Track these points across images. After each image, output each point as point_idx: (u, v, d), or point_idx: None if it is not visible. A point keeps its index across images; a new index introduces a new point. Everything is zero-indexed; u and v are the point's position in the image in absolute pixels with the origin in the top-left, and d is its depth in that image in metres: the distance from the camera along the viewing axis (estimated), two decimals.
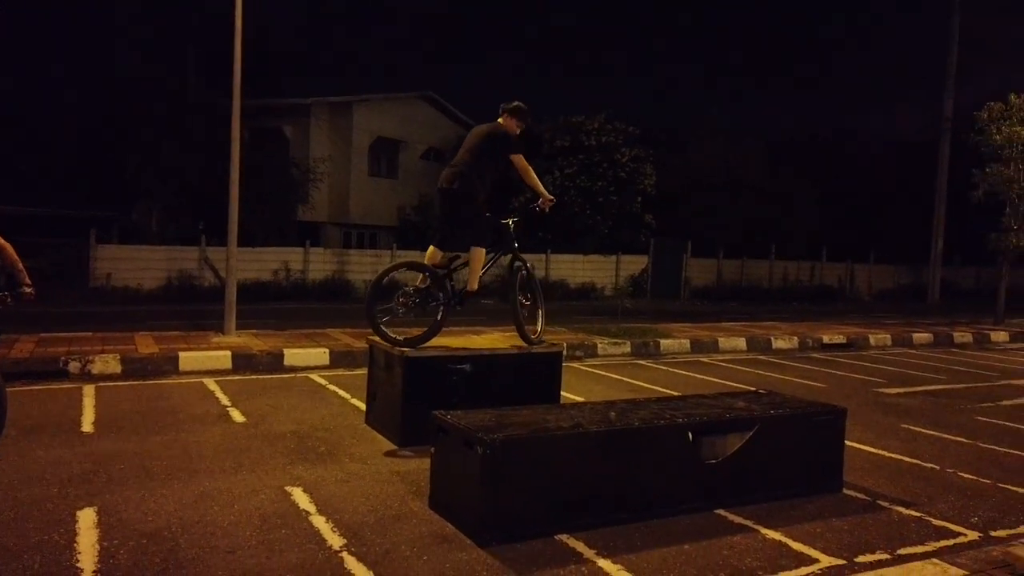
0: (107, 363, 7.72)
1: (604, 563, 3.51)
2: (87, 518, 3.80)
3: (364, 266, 20.76)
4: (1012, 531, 4.12)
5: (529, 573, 3.39)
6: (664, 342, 10.97)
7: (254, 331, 10.32)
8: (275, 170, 20.34)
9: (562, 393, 6.24)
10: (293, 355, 8.64)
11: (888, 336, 12.95)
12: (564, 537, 3.78)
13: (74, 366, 7.59)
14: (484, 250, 5.86)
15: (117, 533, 3.62)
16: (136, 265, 17.63)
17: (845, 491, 4.68)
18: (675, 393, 7.15)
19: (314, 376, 8.10)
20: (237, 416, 6.15)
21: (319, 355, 8.78)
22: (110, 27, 21.95)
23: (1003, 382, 9.39)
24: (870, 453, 5.63)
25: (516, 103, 5.98)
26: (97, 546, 3.47)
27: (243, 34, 9.84)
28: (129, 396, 6.77)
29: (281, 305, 16.48)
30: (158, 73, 19.88)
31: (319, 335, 10.27)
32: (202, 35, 20.44)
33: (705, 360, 10.42)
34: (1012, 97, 15.83)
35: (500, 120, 5.93)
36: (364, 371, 6.69)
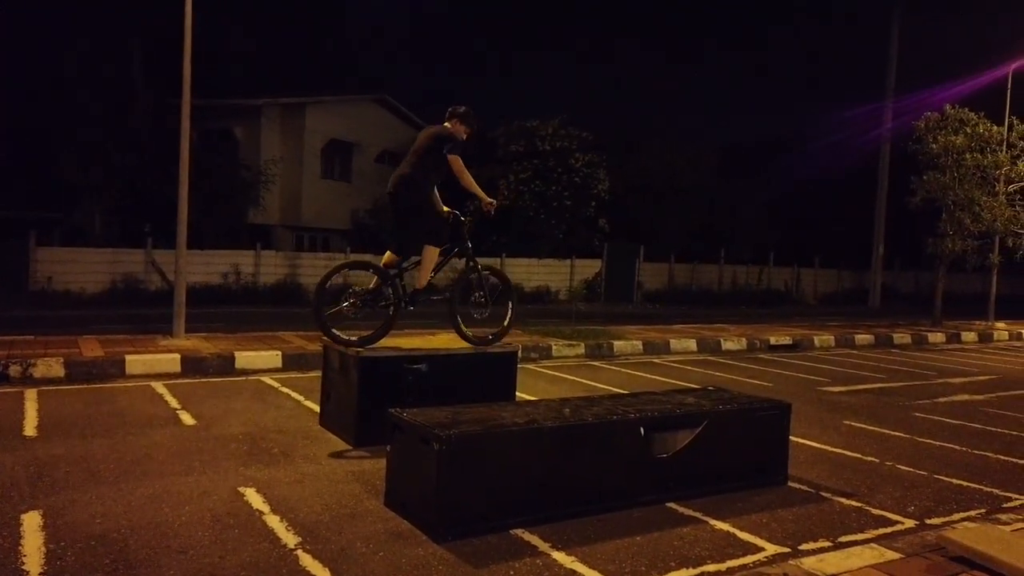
0: (50, 367, 7.49)
1: (559, 555, 3.58)
2: (32, 521, 3.70)
3: (317, 269, 20.48)
4: (946, 519, 4.32)
5: (485, 567, 3.43)
6: (617, 344, 11.14)
7: (204, 334, 10.13)
8: (225, 172, 20.01)
9: (517, 393, 6.30)
10: (244, 358, 8.51)
11: (831, 337, 13.37)
12: (519, 531, 3.83)
13: (15, 370, 7.35)
14: (436, 249, 5.90)
15: (64, 536, 3.54)
16: (79, 268, 17.12)
17: (790, 484, 4.84)
18: (625, 391, 7.27)
19: (266, 379, 8.00)
20: (187, 419, 6.05)
21: (271, 358, 8.68)
22: (51, 21, 21.28)
23: (939, 381, 9.80)
24: (814, 448, 5.83)
25: (464, 108, 6.05)
26: (43, 548, 3.39)
27: (193, 31, 9.68)
28: (74, 400, 6.59)
29: (232, 309, 16.18)
30: (103, 71, 19.37)
31: (271, 338, 10.14)
32: (149, 32, 19.99)
33: (657, 361, 10.61)
34: (948, 108, 16.53)
35: (447, 124, 5.98)
36: (317, 373, 6.66)
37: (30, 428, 5.57)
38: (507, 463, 3.99)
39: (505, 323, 6.38)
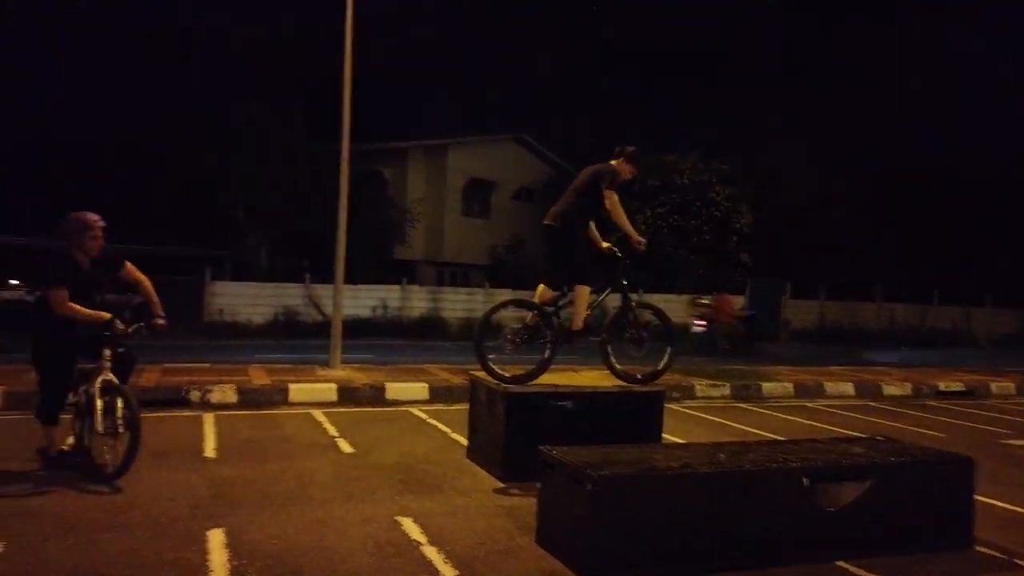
0: (224, 393, 8.15)
1: None
2: (216, 538, 4.01)
3: (457, 304, 21.17)
4: None
5: None
6: (766, 385, 10.63)
7: (356, 366, 10.67)
8: (374, 211, 21.18)
9: (663, 435, 6.15)
10: (394, 389, 8.88)
11: (1012, 384, 12.08)
12: None
13: (195, 395, 8.06)
14: (588, 288, 5.88)
15: (245, 553, 3.81)
16: (246, 301, 18.61)
17: (976, 548, 4.39)
18: (782, 438, 6.91)
19: (414, 410, 8.29)
20: (345, 447, 6.37)
21: (419, 389, 8.99)
22: (221, 78, 23.55)
23: None
24: (1001, 508, 5.26)
25: (631, 148, 6.01)
26: (228, 565, 3.66)
27: (351, 85, 10.41)
28: (245, 424, 7.13)
29: (379, 341, 16.97)
30: (269, 122, 21.20)
31: (418, 370, 10.51)
32: (309, 84, 21.69)
33: (811, 405, 10.01)
34: None
35: (613, 162, 5.97)
36: (462, 406, 6.82)
37: (209, 450, 6.07)
38: (660, 508, 3.88)
39: (661, 364, 6.19)
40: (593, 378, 6.54)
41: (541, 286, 6.05)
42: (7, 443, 5.88)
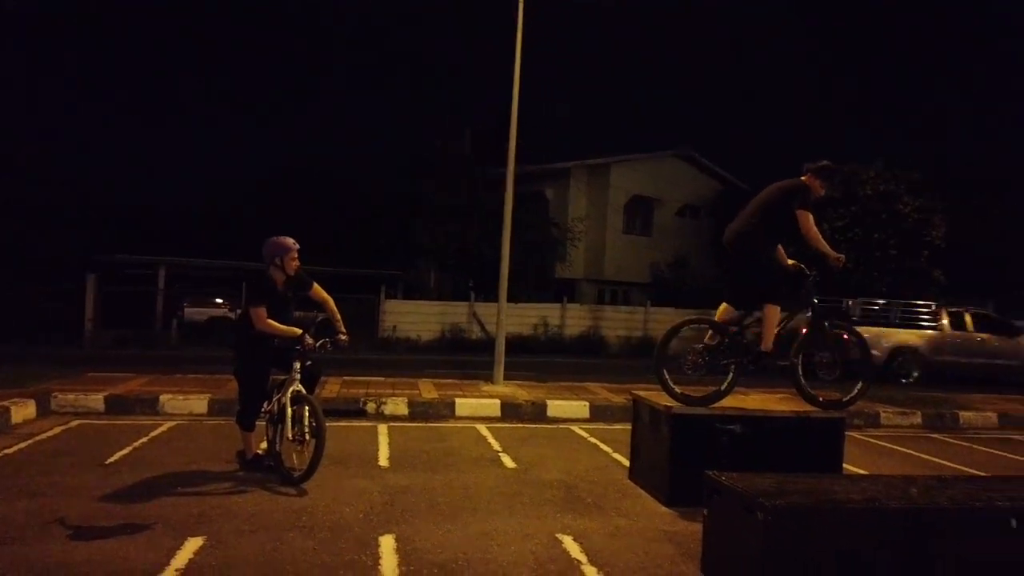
0: (397, 405, 8.60)
1: None
2: (387, 543, 4.22)
3: (617, 322, 21.00)
4: None
5: None
6: (964, 415, 9.57)
7: (518, 382, 10.86)
8: (536, 230, 21.55)
9: (844, 465, 5.71)
10: (555, 407, 8.93)
11: None
12: None
13: (370, 407, 8.56)
14: (778, 307, 5.53)
15: (413, 560, 3.98)
16: (416, 318, 19.59)
17: None
18: (984, 474, 6.18)
19: (575, 428, 8.29)
20: (508, 461, 6.48)
21: (579, 408, 8.99)
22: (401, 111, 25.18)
23: None
24: None
25: (824, 162, 5.64)
26: (397, 570, 3.84)
27: (518, 113, 10.73)
28: (415, 436, 7.47)
29: (539, 358, 17.17)
30: (445, 149, 22.35)
31: (578, 388, 10.52)
32: (478, 108, 22.66)
33: (1018, 438, 8.89)
34: None
35: (804, 178, 5.61)
36: (623, 426, 6.73)
37: (383, 459, 6.42)
38: (841, 545, 3.59)
39: (856, 390, 5.74)
40: (764, 401, 6.22)
41: (724, 304, 5.79)
42: (213, 445, 6.57)
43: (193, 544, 4.09)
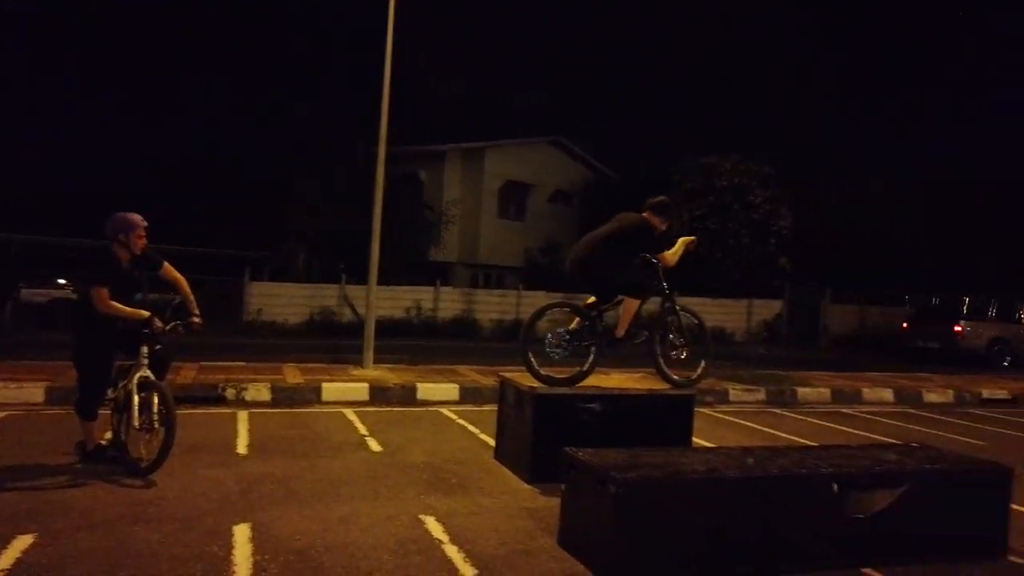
0: (259, 391, 8.29)
1: None
2: (242, 533, 4.08)
3: (491, 305, 21.22)
4: None
5: None
6: (802, 391, 10.44)
7: (389, 366, 10.76)
8: (410, 213, 21.34)
9: (693, 439, 6.08)
10: (425, 389, 8.93)
11: None
12: None
13: (230, 393, 8.21)
14: (636, 300, 5.81)
15: (269, 548, 3.87)
16: (283, 301, 18.90)
17: (1011, 558, 4.25)
18: (814, 444, 6.78)
19: (444, 410, 8.33)
20: (374, 445, 6.43)
21: (449, 390, 9.03)
22: (261, 81, 24.12)
23: None
24: None
25: (660, 198, 5.93)
26: (251, 559, 3.72)
27: (391, 89, 10.53)
28: (278, 422, 7.24)
29: (412, 342, 17.08)
30: (309, 125, 21.56)
31: (449, 371, 10.56)
32: (349, 88, 22.03)
33: (847, 411, 9.81)
34: None
35: (645, 214, 5.87)
36: (492, 407, 6.82)
37: (241, 447, 6.18)
38: (686, 512, 3.84)
39: (700, 369, 6.13)
40: (623, 380, 6.50)
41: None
42: (48, 437, 6.07)
43: (22, 542, 3.78)
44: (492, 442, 6.41)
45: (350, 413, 7.85)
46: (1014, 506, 4.54)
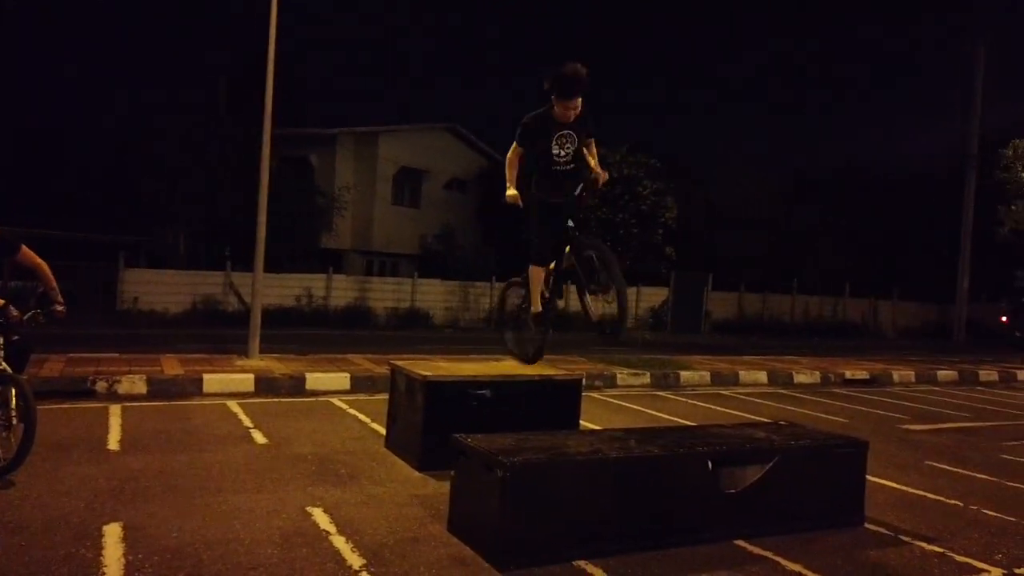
0: (133, 383, 7.85)
1: None
2: (113, 533, 3.87)
3: (385, 293, 20.95)
4: None
5: None
6: (684, 374, 10.93)
7: (277, 355, 10.44)
8: (300, 198, 20.69)
9: (581, 421, 6.25)
10: (315, 379, 8.73)
11: (912, 373, 12.79)
12: (582, 563, 3.78)
13: (101, 386, 7.73)
14: (537, 267, 5.41)
15: (142, 548, 3.69)
16: (163, 289, 17.93)
17: (867, 525, 4.64)
18: (693, 424, 7.13)
19: (335, 400, 8.17)
20: (259, 437, 6.23)
21: (340, 380, 8.87)
22: (141, 59, 22.70)
23: None
24: (892, 488, 5.57)
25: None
26: (123, 560, 3.54)
27: (275, 65, 10.13)
28: (154, 416, 6.88)
29: (303, 331, 16.63)
30: (189, 102, 20.45)
31: (340, 360, 10.37)
32: (233, 67, 21.03)
33: (725, 393, 10.36)
34: None
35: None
36: (384, 396, 6.76)
37: (113, 442, 5.83)
38: (571, 493, 3.95)
39: (615, 299, 5.10)
40: (513, 366, 6.58)
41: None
42: None
43: None
44: (384, 431, 6.35)
45: (234, 405, 7.57)
46: (869, 477, 4.95)
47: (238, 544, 3.81)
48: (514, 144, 5.20)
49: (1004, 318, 21.98)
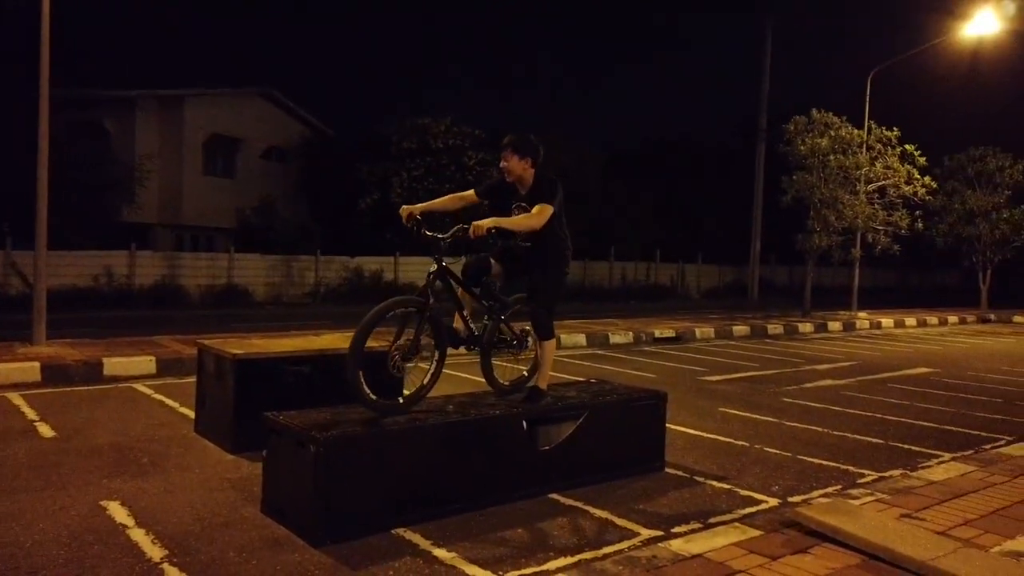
0: None
1: (439, 552, 3.58)
2: None
3: (199, 270, 19.62)
4: (806, 496, 4.62)
5: (363, 568, 3.38)
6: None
7: (69, 340, 9.47)
8: (94, 167, 18.76)
9: (404, 392, 6.23)
10: (114, 364, 8.02)
11: (712, 329, 14.03)
12: (401, 531, 3.81)
13: None
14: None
15: None
16: None
17: (667, 470, 5.05)
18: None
19: (138, 386, 7.57)
20: (46, 431, 5.63)
21: (145, 363, 8.21)
22: None
23: (807, 367, 10.47)
24: (690, 434, 6.10)
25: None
26: None
27: (52, 15, 9.01)
28: None
29: (103, 313, 15.21)
30: None
31: (145, 343, 9.59)
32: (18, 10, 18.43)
33: (602, 353, 10.78)
34: (814, 112, 17.67)
35: None
36: (195, 379, 6.35)
37: None
38: (389, 463, 3.95)
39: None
40: (333, 340, 6.43)
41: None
42: None
43: None
44: (193, 415, 5.98)
45: (16, 397, 6.78)
46: (671, 425, 5.38)
47: (16, 548, 3.43)
48: None
49: None
